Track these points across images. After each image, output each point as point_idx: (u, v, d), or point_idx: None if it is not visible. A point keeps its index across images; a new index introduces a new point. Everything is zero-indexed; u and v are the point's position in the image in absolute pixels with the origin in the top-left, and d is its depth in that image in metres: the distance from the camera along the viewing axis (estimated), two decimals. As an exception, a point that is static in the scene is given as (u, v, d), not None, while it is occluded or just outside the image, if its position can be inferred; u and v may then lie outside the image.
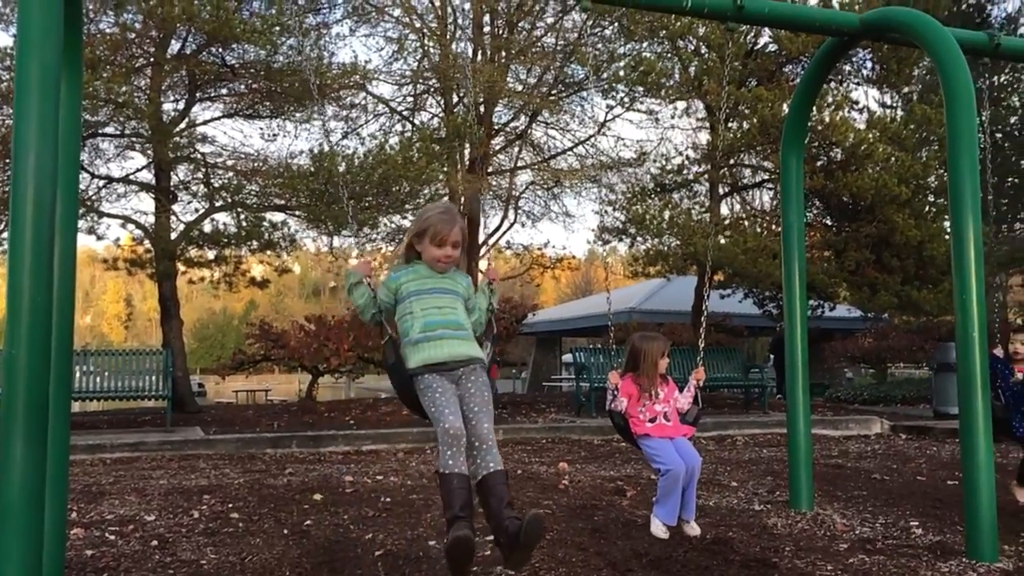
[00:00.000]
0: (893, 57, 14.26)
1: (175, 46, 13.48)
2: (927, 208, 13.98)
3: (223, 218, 14.34)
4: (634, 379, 4.90)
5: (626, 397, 4.85)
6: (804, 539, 4.86)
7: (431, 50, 16.38)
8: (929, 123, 13.92)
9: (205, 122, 14.82)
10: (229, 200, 13.83)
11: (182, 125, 13.96)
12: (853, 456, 8.93)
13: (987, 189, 9.34)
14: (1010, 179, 23.20)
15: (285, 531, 5.14)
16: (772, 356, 19.35)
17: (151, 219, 13.99)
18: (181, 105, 14.36)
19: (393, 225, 14.85)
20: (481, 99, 15.32)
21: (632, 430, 4.87)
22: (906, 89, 16.46)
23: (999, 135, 24.13)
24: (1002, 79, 24.45)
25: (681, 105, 16.05)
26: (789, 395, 5.93)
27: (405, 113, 17.57)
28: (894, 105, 18.00)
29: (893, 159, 13.62)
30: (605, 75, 15.28)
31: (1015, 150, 23.52)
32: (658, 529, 4.73)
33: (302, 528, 5.22)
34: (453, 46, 16.31)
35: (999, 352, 5.76)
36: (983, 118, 8.95)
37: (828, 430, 11.33)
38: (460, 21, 16.88)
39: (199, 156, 14.38)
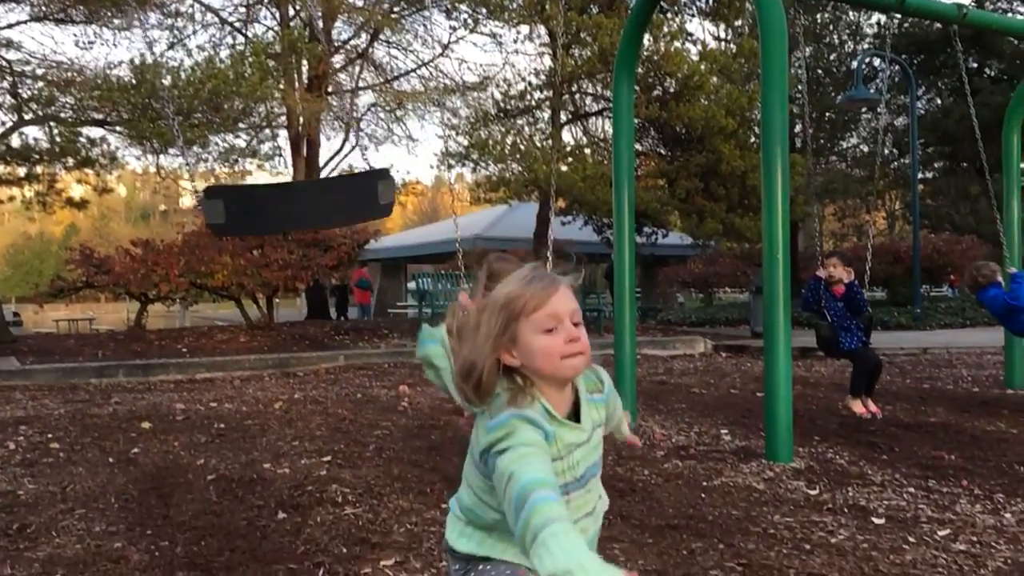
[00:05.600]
0: (727, -10, 14.79)
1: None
2: (751, 139, 14.75)
3: (34, 132, 13.20)
4: None
5: None
6: (624, 447, 5.18)
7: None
8: (756, 57, 14.59)
9: (9, 25, 13.45)
10: (40, 113, 12.71)
11: (-19, 27, 12.64)
12: (677, 373, 9.53)
13: (807, 123, 10.02)
14: (828, 114, 24.82)
15: (110, 459, 4.96)
16: (609, 281, 20.14)
17: (-52, 131, 12.70)
18: (-21, 5, 12.95)
19: (226, 144, 14.16)
20: (319, 12, 14.67)
21: None
22: (738, 23, 17.11)
23: (819, 71, 25.71)
24: (824, 17, 25.91)
25: (524, 29, 16.06)
26: (616, 316, 6.23)
27: (237, 24, 16.64)
28: (726, 39, 18.71)
29: (723, 91, 14.25)
30: (448, -7, 15.02)
31: (834, 86, 25.14)
32: None
33: (129, 456, 5.05)
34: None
35: (823, 273, 6.16)
36: (804, 54, 9.48)
37: (657, 350, 12.00)
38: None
39: (3, 63, 13.07)
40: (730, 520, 3.57)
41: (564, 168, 14.28)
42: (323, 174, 19.03)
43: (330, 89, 16.45)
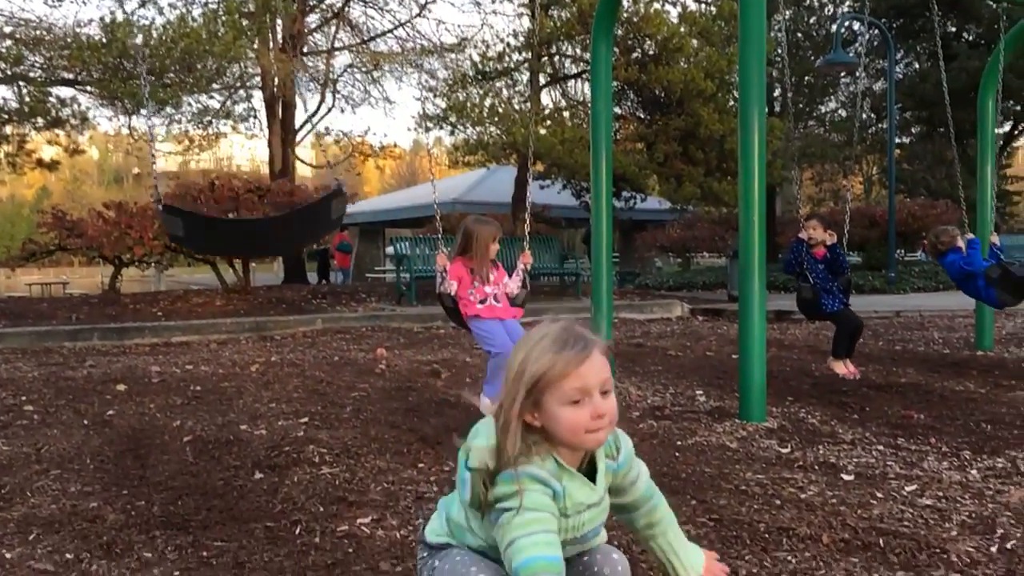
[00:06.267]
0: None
1: None
2: (730, 103, 14.73)
3: (2, 92, 12.93)
4: (464, 262, 4.98)
5: (456, 280, 4.93)
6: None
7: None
8: (736, 20, 14.51)
9: (-26, -19, 13.12)
10: (8, 72, 12.42)
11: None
12: (654, 336, 9.60)
13: (787, 86, 10.02)
14: (807, 78, 24.77)
15: (85, 421, 4.94)
16: (587, 246, 20.17)
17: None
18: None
19: (199, 105, 13.93)
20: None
21: (462, 311, 4.98)
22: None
23: (799, 35, 25.61)
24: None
25: (503, -12, 15.85)
26: (593, 279, 6.26)
27: (210, -18, 16.24)
28: (707, 1, 18.59)
29: (702, 54, 14.18)
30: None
31: (814, 50, 25.07)
32: (488, 407, 4.91)
33: (104, 418, 5.03)
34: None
35: (805, 235, 6.20)
36: (784, 17, 9.45)
37: (635, 314, 12.06)
38: None
39: (-32, 20, 12.75)
40: (703, 477, 3.62)
41: (543, 131, 14.21)
42: (299, 137, 18.82)
43: (305, 49, 16.19)
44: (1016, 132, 26.71)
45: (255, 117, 16.99)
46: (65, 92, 12.84)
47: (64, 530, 3.03)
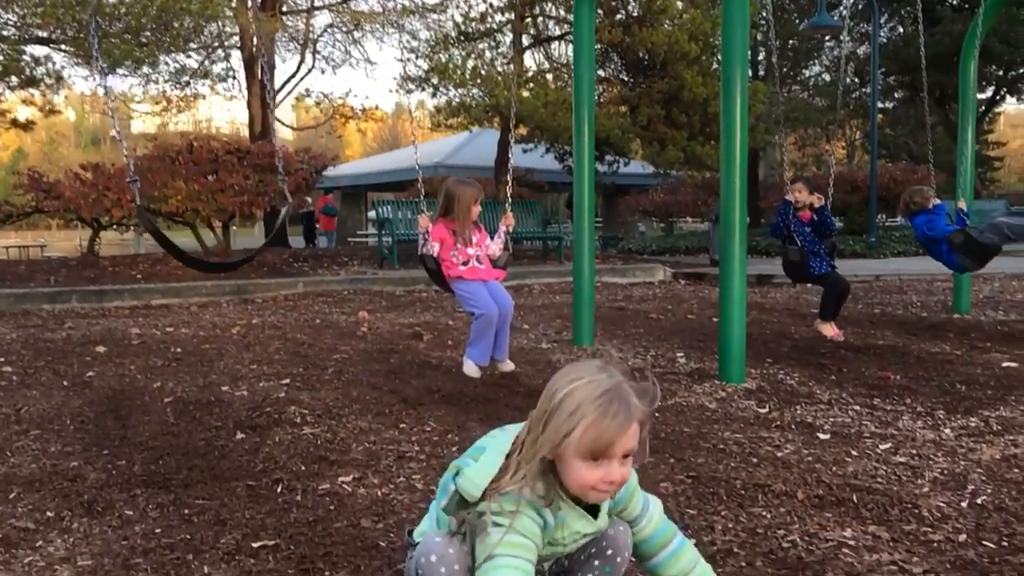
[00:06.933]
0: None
1: None
2: (714, 66, 14.65)
3: (-26, 51, 12.61)
4: (446, 224, 4.96)
5: (438, 241, 4.92)
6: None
7: None
8: (721, -18, 14.41)
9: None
10: (-20, 30, 12.16)
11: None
12: (636, 300, 9.64)
13: (770, 50, 9.97)
14: (791, 41, 24.69)
15: (64, 383, 4.92)
16: (570, 210, 20.14)
17: None
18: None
19: (177, 64, 13.71)
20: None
21: (445, 273, 4.98)
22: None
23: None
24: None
25: (486, -52, 15.60)
26: (575, 243, 6.26)
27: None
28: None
29: (686, 16, 14.08)
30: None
31: (798, 12, 24.95)
32: (470, 369, 4.95)
33: (83, 379, 5.01)
34: None
35: (791, 197, 6.21)
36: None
37: (617, 278, 12.10)
38: None
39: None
40: (682, 437, 3.66)
41: (525, 94, 14.11)
42: (279, 98, 18.57)
43: (284, 8, 15.92)
44: (998, 98, 26.80)
45: (234, 78, 16.75)
46: (39, 50, 12.60)
47: (44, 489, 3.03)
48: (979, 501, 2.81)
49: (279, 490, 2.99)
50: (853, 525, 2.60)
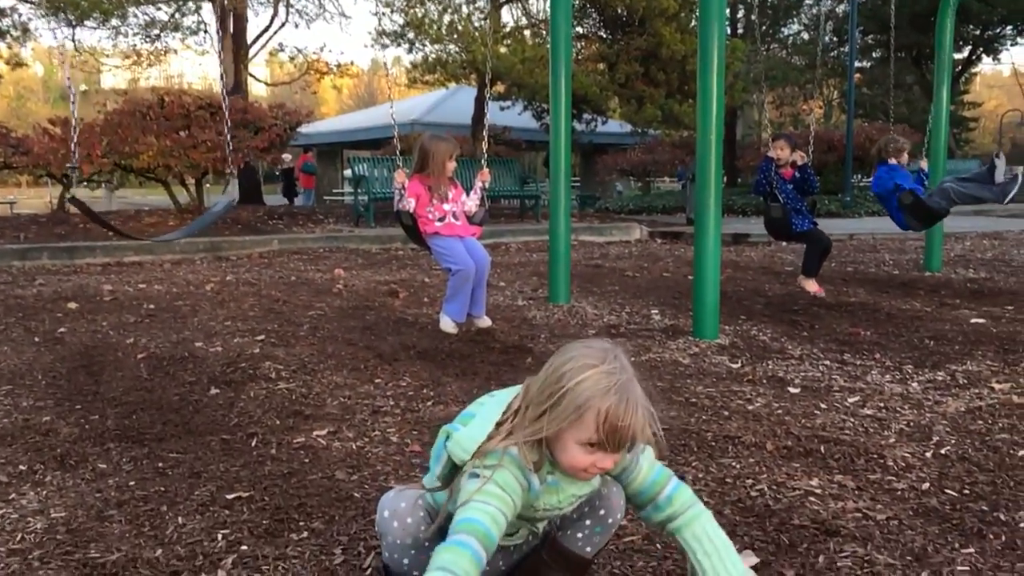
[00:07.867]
0: None
1: None
2: (692, 23, 14.53)
3: (-65, 1, 12.27)
4: (422, 179, 4.92)
5: (414, 197, 4.88)
6: (558, 327, 5.30)
7: None
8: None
9: None
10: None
11: None
12: (612, 258, 9.66)
13: (749, 6, 9.92)
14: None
15: (36, 339, 4.87)
16: (548, 169, 20.05)
17: None
18: None
19: (146, 17, 13.38)
20: None
21: (421, 229, 4.95)
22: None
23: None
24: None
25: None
26: (551, 200, 6.24)
27: None
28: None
29: (665, -28, 13.92)
30: None
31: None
32: (447, 325, 4.95)
33: (55, 335, 4.96)
34: None
35: (773, 154, 6.19)
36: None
37: (594, 236, 12.11)
38: None
39: None
40: (655, 391, 3.69)
41: (503, 50, 13.96)
42: (251, 52, 18.22)
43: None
44: (974, 58, 26.87)
45: (205, 31, 16.41)
46: (4, 1, 12.26)
47: (17, 443, 3.01)
48: (943, 451, 2.87)
49: (254, 444, 3.00)
50: (820, 475, 2.65)
